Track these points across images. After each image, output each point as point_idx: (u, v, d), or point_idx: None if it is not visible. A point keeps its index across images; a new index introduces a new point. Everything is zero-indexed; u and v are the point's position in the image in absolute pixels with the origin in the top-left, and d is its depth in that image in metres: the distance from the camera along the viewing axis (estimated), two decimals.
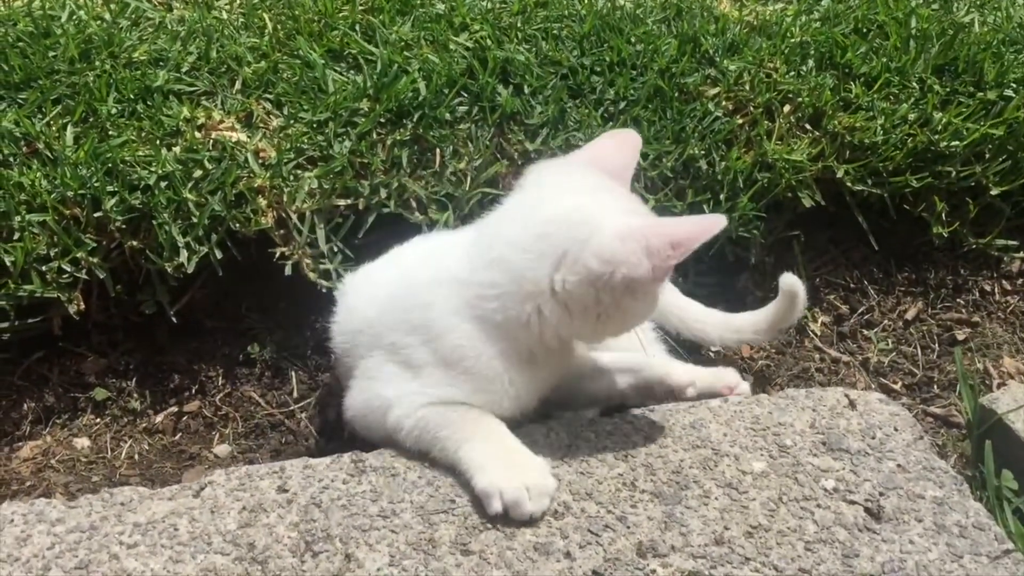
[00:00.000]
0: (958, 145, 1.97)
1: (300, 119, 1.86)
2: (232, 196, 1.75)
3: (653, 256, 1.32)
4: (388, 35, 2.05)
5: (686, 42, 2.06)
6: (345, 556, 1.30)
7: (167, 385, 1.83)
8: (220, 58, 1.98)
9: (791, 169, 1.91)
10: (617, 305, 1.37)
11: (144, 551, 1.31)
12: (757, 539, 1.35)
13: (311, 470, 1.43)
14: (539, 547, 1.33)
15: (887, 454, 1.47)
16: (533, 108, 1.92)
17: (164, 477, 1.70)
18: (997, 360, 1.96)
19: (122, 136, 1.79)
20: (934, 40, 2.12)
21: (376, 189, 1.82)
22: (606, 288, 1.35)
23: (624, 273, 1.33)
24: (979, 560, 1.33)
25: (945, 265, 2.09)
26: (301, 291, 1.85)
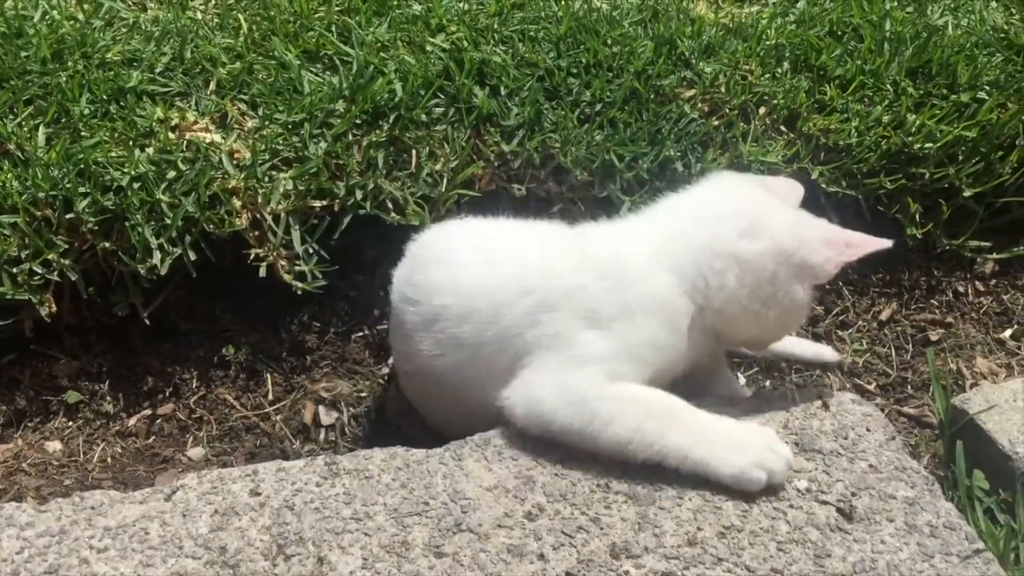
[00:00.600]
0: (932, 147, 1.98)
1: (275, 120, 1.86)
2: (206, 197, 1.74)
3: (831, 247, 1.45)
4: (364, 36, 2.05)
5: (662, 44, 2.07)
6: (318, 559, 1.30)
7: (140, 388, 1.82)
8: (194, 59, 1.97)
9: (766, 171, 1.92)
10: (785, 289, 1.45)
11: (114, 555, 1.30)
12: (730, 539, 1.35)
13: (284, 473, 1.42)
14: (512, 549, 1.32)
15: (859, 454, 1.48)
16: (509, 109, 1.92)
17: (137, 480, 1.69)
18: (970, 360, 1.97)
19: (95, 137, 1.77)
20: (908, 43, 2.14)
21: (352, 190, 1.81)
22: (783, 264, 1.44)
23: (804, 254, 1.44)
24: (949, 560, 1.34)
25: (919, 266, 2.10)
26: (276, 293, 1.84)
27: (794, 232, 1.45)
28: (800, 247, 1.44)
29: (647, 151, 1.90)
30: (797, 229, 1.46)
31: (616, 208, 1.87)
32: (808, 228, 1.47)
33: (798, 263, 1.44)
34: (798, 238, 1.45)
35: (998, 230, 2.11)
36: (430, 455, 1.46)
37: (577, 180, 1.89)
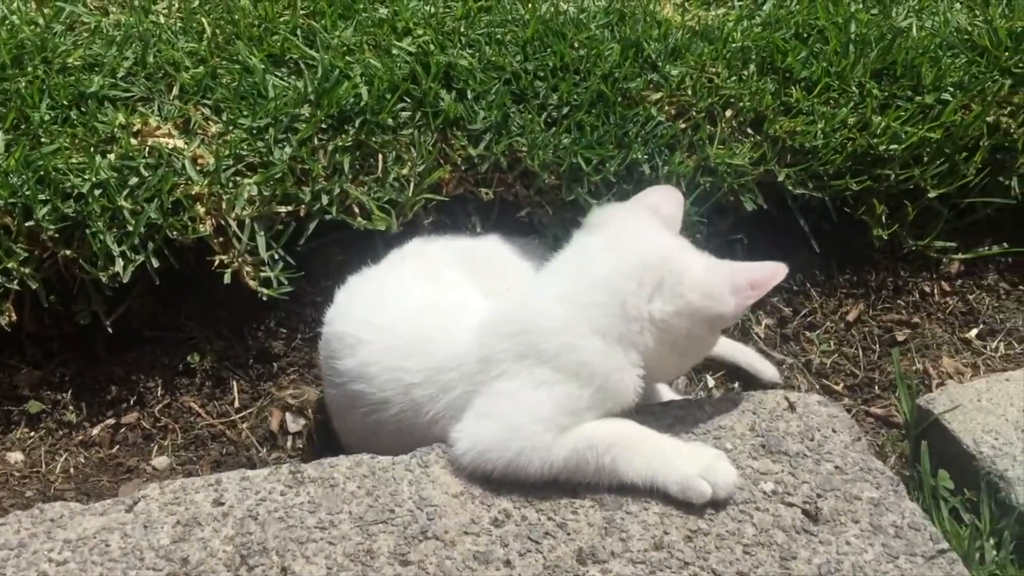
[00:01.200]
0: (896, 148, 1.99)
1: (239, 125, 1.84)
2: (169, 204, 1.72)
3: (737, 294, 1.45)
4: (329, 40, 2.03)
5: (629, 47, 2.07)
6: (281, 569, 1.29)
7: (104, 397, 1.80)
8: (157, 63, 1.95)
9: (733, 173, 1.92)
10: (698, 339, 1.49)
11: (74, 568, 1.28)
12: (696, 543, 1.35)
13: (248, 482, 1.41)
14: (479, 556, 1.32)
15: (825, 456, 1.49)
16: (476, 113, 1.91)
17: (100, 491, 1.67)
18: (936, 360, 1.99)
19: (55, 143, 1.75)
20: (873, 45, 2.14)
21: (318, 195, 1.80)
22: (697, 320, 1.45)
23: (716, 310, 1.45)
24: (914, 560, 1.35)
25: (886, 267, 2.12)
26: (242, 299, 1.83)
27: (705, 288, 1.45)
28: (711, 304, 1.45)
29: (614, 154, 1.89)
30: (705, 283, 1.45)
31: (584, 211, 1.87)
32: (715, 279, 1.46)
33: (711, 318, 1.46)
34: (709, 295, 1.45)
35: (963, 230, 2.13)
36: (396, 462, 1.45)
37: (545, 183, 1.88)
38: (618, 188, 1.90)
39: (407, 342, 1.51)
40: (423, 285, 1.62)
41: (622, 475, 1.40)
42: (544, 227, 1.91)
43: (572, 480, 1.40)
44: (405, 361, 1.49)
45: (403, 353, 1.50)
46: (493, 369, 1.44)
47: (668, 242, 1.53)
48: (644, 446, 1.42)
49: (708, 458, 1.42)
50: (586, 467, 1.39)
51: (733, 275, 1.46)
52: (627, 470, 1.40)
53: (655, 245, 1.51)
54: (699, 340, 1.50)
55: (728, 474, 1.41)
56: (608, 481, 1.40)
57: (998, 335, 2.05)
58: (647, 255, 1.49)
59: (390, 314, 1.56)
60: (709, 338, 1.53)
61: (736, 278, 1.45)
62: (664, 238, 1.53)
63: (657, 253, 1.49)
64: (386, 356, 1.51)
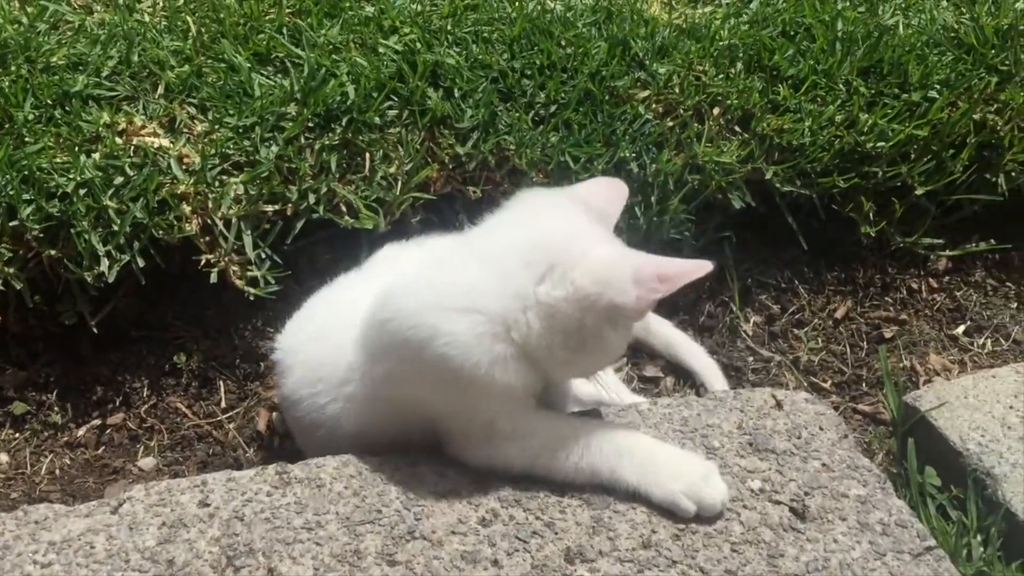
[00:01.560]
0: (884, 146, 2.00)
1: (225, 124, 1.83)
2: (154, 203, 1.71)
3: (640, 285, 1.30)
4: (316, 38, 2.02)
5: (616, 45, 2.06)
6: (268, 570, 1.28)
7: (90, 397, 1.79)
8: (142, 62, 1.94)
9: (721, 171, 1.93)
10: (596, 333, 1.34)
11: (59, 570, 1.27)
12: (684, 541, 1.35)
13: (234, 483, 1.40)
14: (466, 556, 1.31)
15: (812, 453, 1.49)
16: (463, 111, 1.91)
17: (86, 492, 1.66)
18: (924, 357, 1.99)
19: (39, 143, 1.74)
20: (860, 42, 2.15)
21: (304, 194, 1.79)
22: (590, 310, 1.31)
23: (611, 298, 1.31)
24: (901, 558, 1.35)
25: (873, 264, 2.12)
26: (229, 299, 1.82)
27: (598, 275, 1.31)
28: (605, 291, 1.30)
29: (602, 152, 1.89)
30: (602, 271, 1.31)
31: None
32: (616, 267, 1.31)
33: (605, 308, 1.31)
34: (603, 281, 1.30)
35: (950, 227, 2.13)
36: (384, 462, 1.44)
37: (532, 182, 1.88)
38: None
39: (319, 364, 1.49)
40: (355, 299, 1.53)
41: (613, 480, 1.38)
42: None
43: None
44: (317, 384, 1.47)
45: (315, 375, 1.48)
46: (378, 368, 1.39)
47: (572, 226, 1.37)
48: (637, 452, 1.39)
49: (695, 475, 1.37)
50: (565, 463, 1.38)
51: (638, 266, 1.31)
52: (618, 476, 1.38)
53: (556, 227, 1.37)
54: (598, 335, 1.34)
55: (715, 493, 1.36)
56: (592, 482, 1.39)
57: (985, 332, 2.05)
58: (543, 235, 1.35)
59: (308, 336, 1.54)
60: (612, 335, 1.36)
61: (642, 269, 1.30)
62: (569, 222, 1.38)
63: (556, 235, 1.35)
64: (303, 384, 1.50)
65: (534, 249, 1.33)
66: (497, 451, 1.39)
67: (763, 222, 2.06)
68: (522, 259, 1.33)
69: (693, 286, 1.99)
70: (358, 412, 1.44)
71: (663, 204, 1.90)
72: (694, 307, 2.02)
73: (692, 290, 2.02)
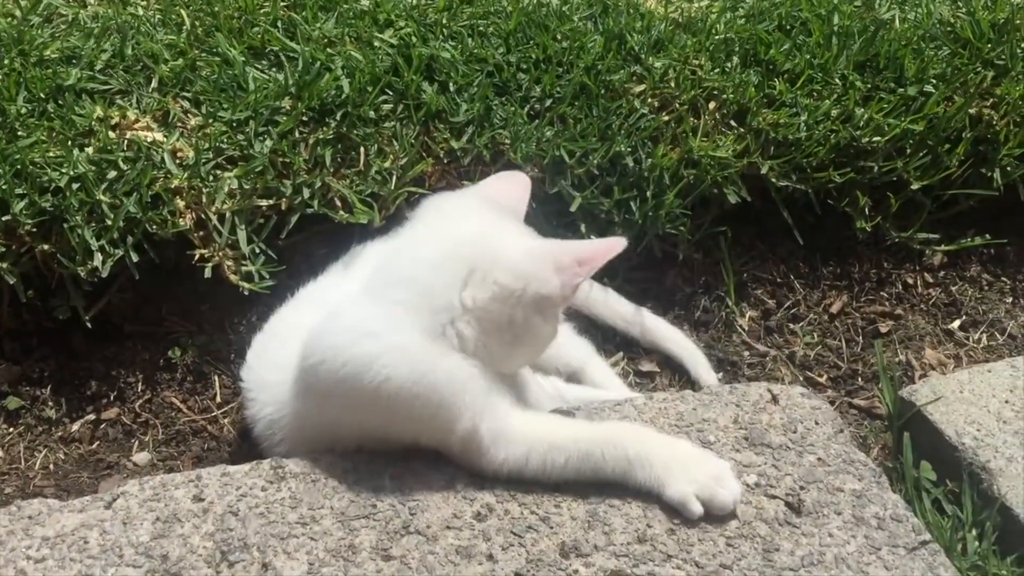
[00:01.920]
0: (879, 140, 2.00)
1: (219, 118, 1.82)
2: (148, 197, 1.70)
3: (562, 272, 1.34)
4: (310, 32, 2.02)
5: (612, 39, 2.06)
6: (262, 565, 1.28)
7: (84, 392, 1.78)
8: (135, 55, 1.93)
9: (716, 165, 1.92)
10: (527, 325, 1.37)
11: (52, 565, 1.27)
12: (679, 536, 1.35)
13: (228, 478, 1.40)
14: (461, 550, 1.31)
15: (808, 448, 1.49)
16: (459, 106, 1.90)
17: (81, 487, 1.65)
18: (919, 352, 1.99)
19: (31, 136, 1.73)
20: (856, 36, 2.14)
21: (299, 189, 1.79)
22: (518, 305, 1.35)
23: (535, 289, 1.35)
24: (896, 552, 1.35)
25: (869, 259, 2.12)
26: (223, 294, 1.81)
27: (519, 269, 1.35)
28: (528, 283, 1.34)
29: (597, 147, 1.89)
30: (522, 265, 1.35)
31: (567, 204, 1.87)
32: (534, 259, 1.35)
33: (532, 298, 1.35)
34: (524, 275, 1.34)
35: (946, 222, 2.13)
36: (378, 456, 1.44)
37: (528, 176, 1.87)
38: (601, 180, 1.90)
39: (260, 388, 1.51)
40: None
41: (623, 479, 1.38)
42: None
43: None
44: (263, 409, 1.50)
45: (262, 402, 1.50)
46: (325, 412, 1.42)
47: (485, 227, 1.40)
48: (647, 452, 1.39)
49: (707, 477, 1.37)
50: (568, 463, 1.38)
51: (556, 255, 1.35)
52: (628, 476, 1.38)
53: (469, 231, 1.40)
54: (528, 326, 1.37)
55: (727, 493, 1.35)
56: (601, 481, 1.38)
57: (980, 326, 2.05)
58: (457, 242, 1.38)
59: (266, 364, 1.55)
60: (542, 323, 1.39)
61: (560, 257, 1.35)
62: (481, 223, 1.41)
63: (467, 240, 1.38)
64: (263, 409, 1.51)
65: (450, 258, 1.37)
66: (496, 456, 1.38)
67: (759, 217, 2.06)
68: (441, 271, 1.36)
69: (689, 281, 2.01)
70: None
71: (658, 199, 1.89)
72: (689, 302, 2.02)
73: (688, 285, 2.02)
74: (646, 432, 1.45)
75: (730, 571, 1.30)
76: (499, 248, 1.37)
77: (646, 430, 1.46)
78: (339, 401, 1.38)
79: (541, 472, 1.38)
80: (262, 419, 1.51)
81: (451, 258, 1.37)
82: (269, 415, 1.50)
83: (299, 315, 1.58)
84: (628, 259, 1.94)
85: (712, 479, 1.37)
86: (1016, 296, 2.13)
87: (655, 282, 2.02)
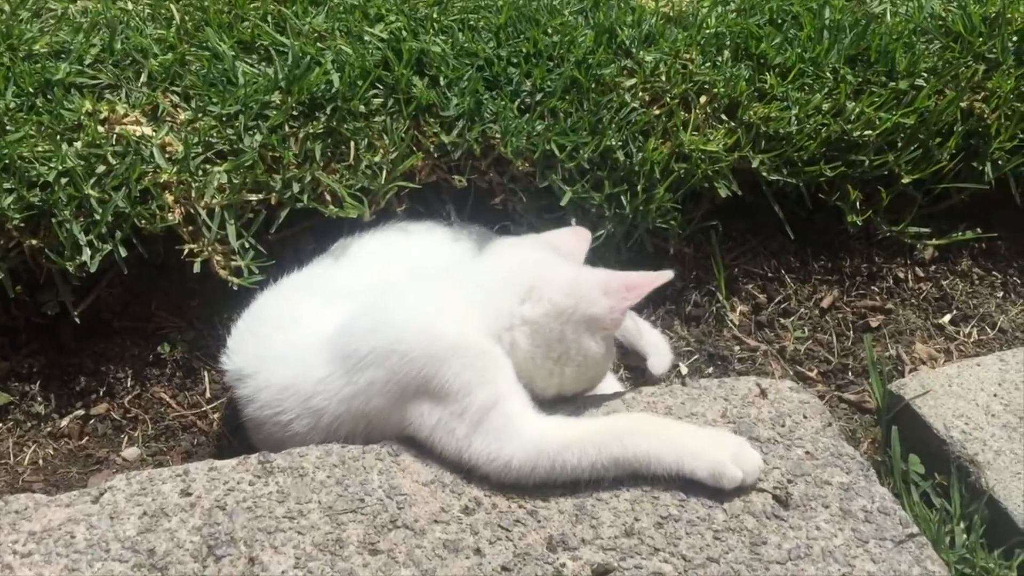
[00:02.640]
0: (871, 134, 1.99)
1: (209, 112, 1.82)
2: (137, 192, 1.70)
3: (611, 295, 1.47)
4: (300, 26, 2.01)
5: (603, 33, 2.06)
6: (249, 560, 1.28)
7: (73, 388, 1.78)
8: (125, 50, 1.93)
9: (707, 160, 1.92)
10: (578, 346, 1.48)
11: (39, 560, 1.27)
12: (667, 529, 1.35)
13: (216, 472, 1.40)
14: (448, 544, 1.31)
15: (796, 441, 1.49)
16: (449, 100, 1.90)
17: (70, 483, 1.65)
18: (910, 346, 1.99)
19: (20, 131, 1.72)
20: (847, 30, 2.14)
21: (289, 183, 1.78)
22: (568, 322, 1.46)
23: (584, 309, 1.46)
24: (883, 545, 1.35)
25: (860, 253, 2.12)
26: (213, 289, 1.81)
27: (570, 290, 1.47)
28: (578, 303, 1.46)
29: (588, 141, 1.89)
30: (573, 286, 1.47)
31: (557, 198, 1.86)
32: (584, 283, 1.48)
33: (581, 318, 1.47)
34: (575, 295, 1.47)
35: (937, 216, 2.13)
36: (366, 451, 1.44)
37: (518, 170, 1.88)
38: (592, 174, 1.89)
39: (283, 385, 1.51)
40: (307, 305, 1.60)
41: (646, 463, 1.39)
42: (518, 214, 1.91)
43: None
44: (282, 400, 1.50)
45: (275, 394, 1.50)
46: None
47: (547, 256, 1.55)
48: (667, 433, 1.42)
49: (734, 445, 1.41)
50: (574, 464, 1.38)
51: (606, 280, 1.49)
52: (652, 457, 1.39)
53: (530, 257, 1.55)
54: (579, 345, 1.48)
55: (754, 459, 1.41)
56: (622, 471, 1.39)
57: (971, 321, 2.06)
58: (526, 268, 1.51)
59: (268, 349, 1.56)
60: (593, 345, 1.49)
61: (609, 283, 1.48)
62: (544, 253, 1.56)
63: (531, 262, 1.53)
64: (266, 394, 1.51)
65: (514, 275, 1.50)
66: (505, 446, 1.37)
67: (750, 211, 2.06)
68: (505, 283, 1.49)
69: (679, 276, 2.01)
70: (327, 427, 1.46)
71: (649, 193, 1.89)
72: (680, 296, 2.02)
73: (679, 279, 2.02)
74: (659, 418, 1.49)
75: (717, 564, 1.30)
76: (556, 271, 1.50)
77: (658, 416, 1.50)
78: (384, 365, 1.42)
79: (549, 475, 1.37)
80: (260, 397, 1.52)
81: (514, 276, 1.50)
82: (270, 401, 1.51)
83: (289, 302, 1.63)
84: (619, 253, 1.94)
85: (737, 447, 1.41)
86: (1007, 290, 2.13)
87: None
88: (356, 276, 1.66)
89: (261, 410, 1.51)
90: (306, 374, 1.47)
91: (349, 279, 1.65)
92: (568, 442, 1.38)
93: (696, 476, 1.38)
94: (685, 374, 1.89)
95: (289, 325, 1.57)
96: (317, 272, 1.71)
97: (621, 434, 1.39)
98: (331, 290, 1.63)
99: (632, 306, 1.50)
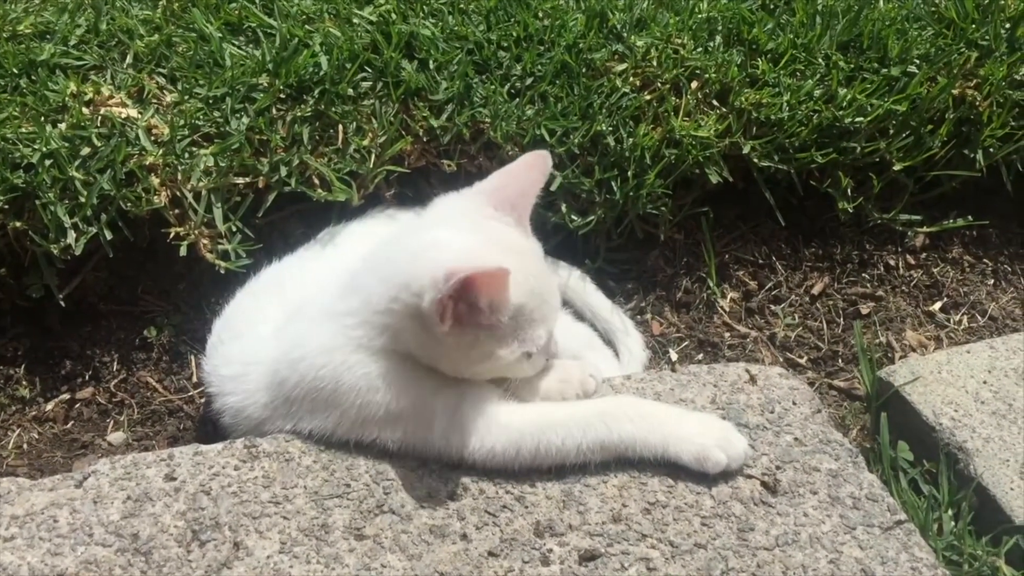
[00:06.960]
0: (862, 121, 1.98)
1: (195, 94, 1.80)
2: (122, 174, 1.69)
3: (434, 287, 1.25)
4: (289, 8, 1.99)
5: (593, 17, 2.04)
6: (234, 544, 1.27)
7: (58, 371, 1.76)
8: (110, 31, 1.91)
9: (698, 145, 1.91)
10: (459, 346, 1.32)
11: (21, 544, 1.26)
12: (655, 515, 1.34)
13: (201, 457, 1.39)
14: (435, 529, 1.31)
15: (785, 428, 1.48)
16: (438, 84, 1.88)
17: (54, 467, 1.64)
18: (900, 333, 1.99)
19: (4, 112, 1.71)
20: (839, 16, 2.13)
21: (276, 167, 1.77)
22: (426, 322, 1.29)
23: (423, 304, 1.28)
24: (871, 531, 1.35)
25: (851, 240, 2.11)
26: (200, 272, 1.80)
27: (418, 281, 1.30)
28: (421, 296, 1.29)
29: (578, 126, 1.87)
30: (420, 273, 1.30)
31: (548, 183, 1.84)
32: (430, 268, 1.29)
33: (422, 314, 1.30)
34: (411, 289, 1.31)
35: (928, 203, 2.13)
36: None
37: (508, 155, 1.86)
38: (582, 160, 1.88)
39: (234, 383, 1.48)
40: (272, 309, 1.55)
41: (632, 446, 1.38)
42: None
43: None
44: (238, 424, 1.47)
45: (232, 416, 1.48)
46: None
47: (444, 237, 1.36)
48: (653, 416, 1.40)
49: (720, 430, 1.41)
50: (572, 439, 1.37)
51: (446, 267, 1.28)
52: (637, 440, 1.38)
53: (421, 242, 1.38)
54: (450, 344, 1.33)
55: (739, 444, 1.40)
56: (608, 454, 1.38)
57: (961, 308, 2.05)
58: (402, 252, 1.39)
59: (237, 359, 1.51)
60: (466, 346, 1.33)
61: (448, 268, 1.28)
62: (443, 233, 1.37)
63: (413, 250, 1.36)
64: (235, 400, 1.49)
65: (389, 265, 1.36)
66: (483, 442, 1.36)
67: (741, 198, 2.05)
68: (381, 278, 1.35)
69: (670, 262, 2.00)
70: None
71: (640, 178, 1.88)
72: (671, 283, 2.01)
73: (669, 266, 2.01)
74: (646, 401, 1.47)
75: (704, 550, 1.30)
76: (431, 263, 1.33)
77: (645, 400, 1.48)
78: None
79: (535, 457, 1.36)
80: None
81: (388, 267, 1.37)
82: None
83: (260, 301, 1.61)
84: (609, 239, 1.93)
85: (722, 432, 1.40)
86: (997, 278, 2.13)
87: (636, 263, 2.01)
88: (342, 266, 1.61)
89: (230, 426, 1.49)
90: (254, 397, 1.44)
91: (334, 269, 1.56)
92: (553, 423, 1.37)
93: (681, 460, 1.38)
94: (675, 360, 1.88)
95: (250, 332, 1.51)
96: (307, 257, 1.68)
97: (607, 417, 1.37)
98: (309, 283, 1.56)
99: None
